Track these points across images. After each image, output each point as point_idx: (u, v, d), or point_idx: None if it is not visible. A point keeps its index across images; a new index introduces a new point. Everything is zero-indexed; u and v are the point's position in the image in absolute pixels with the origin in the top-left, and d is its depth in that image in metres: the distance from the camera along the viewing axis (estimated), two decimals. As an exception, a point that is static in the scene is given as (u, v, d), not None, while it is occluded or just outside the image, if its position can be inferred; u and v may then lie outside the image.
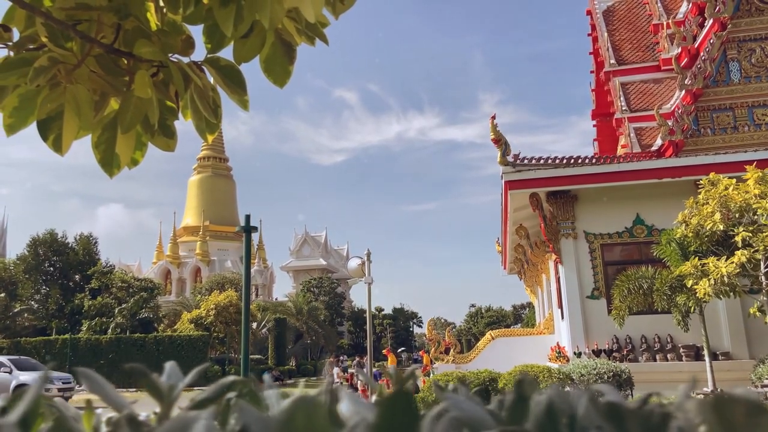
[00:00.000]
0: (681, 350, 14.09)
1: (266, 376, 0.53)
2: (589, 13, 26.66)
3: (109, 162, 1.61)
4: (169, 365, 0.50)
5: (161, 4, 1.63)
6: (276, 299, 56.12)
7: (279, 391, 0.49)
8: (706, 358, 12.02)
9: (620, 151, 22.14)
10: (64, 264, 39.85)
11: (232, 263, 56.36)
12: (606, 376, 11.54)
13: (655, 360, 14.16)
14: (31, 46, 1.57)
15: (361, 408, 0.40)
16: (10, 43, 1.55)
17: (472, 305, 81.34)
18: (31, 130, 1.52)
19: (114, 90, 1.56)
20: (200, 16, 1.65)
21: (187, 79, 1.60)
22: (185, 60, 1.67)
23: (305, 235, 65.89)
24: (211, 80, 1.71)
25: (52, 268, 40.01)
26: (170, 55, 1.65)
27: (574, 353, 14.43)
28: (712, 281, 10.48)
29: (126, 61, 1.63)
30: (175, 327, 35.31)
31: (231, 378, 0.47)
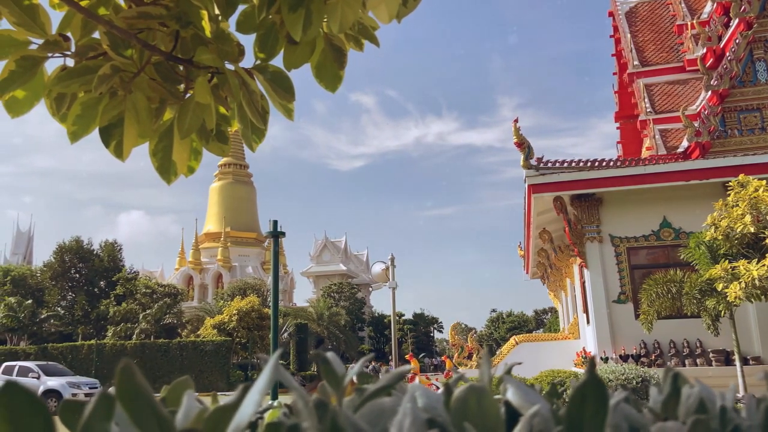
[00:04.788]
0: (711, 355, 13.85)
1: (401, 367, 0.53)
2: (611, 14, 26.45)
3: (166, 169, 1.62)
4: (332, 356, 0.50)
5: (216, 12, 1.65)
6: (294, 304, 56.33)
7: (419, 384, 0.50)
8: (737, 363, 11.80)
9: (645, 154, 21.88)
10: (89, 270, 40.48)
11: (253, 269, 56.74)
12: (635, 382, 11.38)
13: (684, 365, 13.93)
14: (91, 54, 1.59)
15: (530, 396, 0.40)
16: (68, 53, 1.58)
17: (493, 310, 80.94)
18: (53, 138, 1.53)
19: (173, 97, 1.58)
20: (253, 25, 1.67)
21: (242, 85, 1.61)
22: (234, 67, 1.69)
23: (325, 240, 66.09)
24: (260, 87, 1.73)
25: (78, 275, 40.66)
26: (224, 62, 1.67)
27: (601, 358, 14.26)
28: (743, 284, 10.30)
29: (182, 69, 1.65)
30: (198, 332, 35.62)
31: (404, 368, 0.47)
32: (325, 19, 1.40)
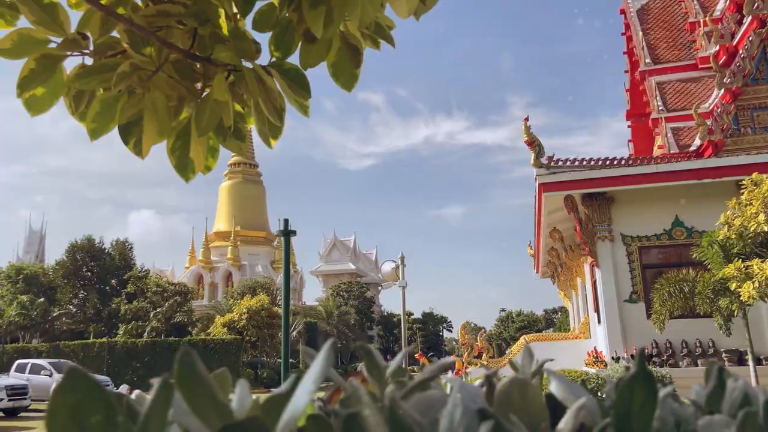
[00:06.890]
0: (723, 355, 13.73)
1: (448, 359, 0.53)
2: (622, 12, 26.28)
3: (184, 167, 1.63)
4: (374, 348, 0.51)
5: (234, 10, 1.65)
6: (304, 303, 56.44)
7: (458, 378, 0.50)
8: (750, 363, 11.70)
9: (657, 152, 21.73)
10: (101, 269, 40.77)
11: (262, 268, 56.90)
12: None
13: (696, 365, 13.82)
14: (109, 53, 1.60)
15: (573, 389, 0.40)
16: (87, 51, 1.59)
17: (503, 309, 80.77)
18: (64, 137, 1.54)
19: (190, 95, 1.58)
20: (269, 23, 1.67)
21: (259, 83, 1.61)
22: (252, 65, 1.69)
23: (334, 239, 66.17)
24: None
25: (89, 273, 40.97)
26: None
27: (612, 358, 14.19)
28: (757, 284, 10.20)
29: (200, 66, 1.66)
30: (209, 331, 35.77)
31: (446, 360, 0.48)
32: (346, 18, 1.40)
